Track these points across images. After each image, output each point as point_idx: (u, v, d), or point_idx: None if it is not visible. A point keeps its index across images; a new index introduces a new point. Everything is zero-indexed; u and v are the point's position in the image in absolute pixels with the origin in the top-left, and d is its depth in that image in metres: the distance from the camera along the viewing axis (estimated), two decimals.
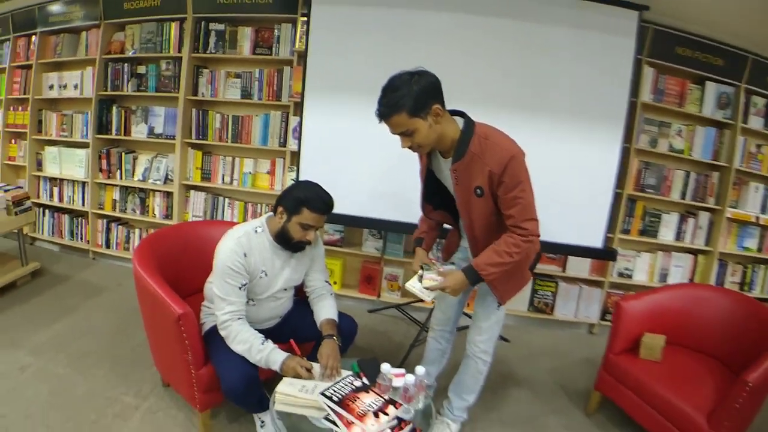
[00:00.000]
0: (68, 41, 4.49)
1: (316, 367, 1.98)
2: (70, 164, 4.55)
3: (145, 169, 4.26)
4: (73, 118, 4.52)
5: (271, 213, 2.16)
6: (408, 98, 1.70)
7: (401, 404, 1.79)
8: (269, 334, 2.12)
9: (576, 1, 2.94)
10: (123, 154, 4.33)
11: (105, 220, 4.47)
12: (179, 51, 3.90)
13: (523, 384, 3.02)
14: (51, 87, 4.63)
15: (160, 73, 4.06)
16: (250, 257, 2.07)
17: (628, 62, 3.01)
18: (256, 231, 2.13)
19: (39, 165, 4.78)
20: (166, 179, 4.17)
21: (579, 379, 3.10)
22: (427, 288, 1.99)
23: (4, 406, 2.43)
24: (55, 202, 4.70)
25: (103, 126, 4.33)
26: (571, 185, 3.10)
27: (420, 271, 2.05)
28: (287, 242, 2.12)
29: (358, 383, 1.89)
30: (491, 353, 2.28)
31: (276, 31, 3.68)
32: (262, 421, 2.22)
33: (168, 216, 4.22)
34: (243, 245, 2.06)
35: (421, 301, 2.09)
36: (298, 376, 1.92)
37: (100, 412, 2.43)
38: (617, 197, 3.38)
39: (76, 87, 4.48)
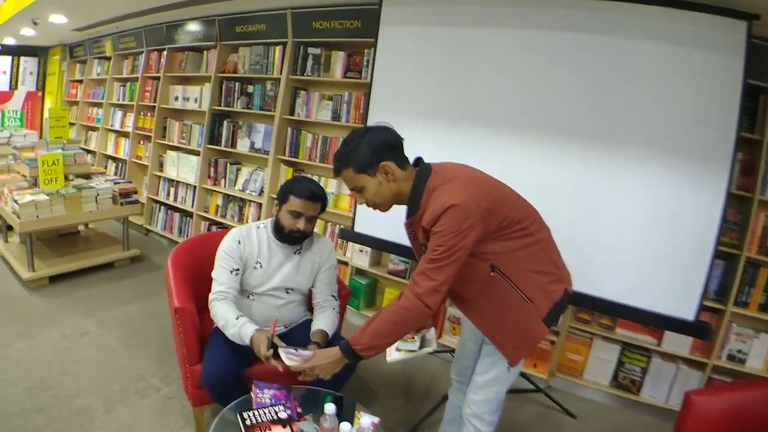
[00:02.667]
0: (192, 58, 4.97)
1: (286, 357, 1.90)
2: (185, 168, 5.04)
3: (246, 180, 4.56)
4: (192, 128, 4.99)
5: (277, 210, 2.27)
6: (355, 154, 1.67)
7: None
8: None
9: (663, 10, 2.38)
10: (228, 164, 4.69)
11: (207, 222, 4.87)
12: (281, 73, 4.13)
13: None
14: (176, 98, 5.16)
15: (265, 92, 4.32)
16: (245, 245, 2.23)
17: (736, 87, 2.30)
18: (258, 227, 2.30)
19: (160, 166, 5.36)
20: (261, 191, 4.42)
21: None
22: (397, 356, 1.87)
23: (53, 360, 2.95)
24: (170, 201, 5.23)
25: (214, 137, 4.72)
26: (655, 238, 2.53)
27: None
28: (281, 233, 2.21)
29: (283, 414, 1.79)
30: (489, 422, 1.88)
31: (366, 55, 3.76)
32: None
33: None
34: (240, 234, 2.25)
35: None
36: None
37: (125, 385, 2.78)
38: (733, 260, 2.80)
39: (195, 100, 4.94)
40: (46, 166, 4.04)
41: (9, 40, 7.42)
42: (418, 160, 1.78)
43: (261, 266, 2.25)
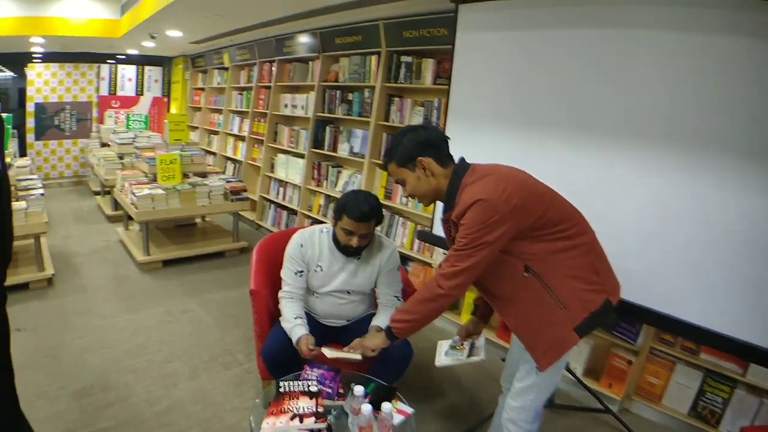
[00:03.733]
0: (299, 69, 5.36)
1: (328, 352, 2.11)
2: (293, 170, 5.47)
3: (345, 182, 4.86)
4: (299, 133, 5.39)
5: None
6: (398, 150, 1.81)
7: (325, 420, 1.78)
8: (334, 332, 2.45)
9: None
10: (330, 167, 5.02)
11: (310, 221, 5.24)
12: (377, 80, 4.36)
13: None
14: (285, 106, 5.59)
15: (363, 100, 4.58)
16: (307, 249, 2.37)
17: None
18: (322, 231, 2.43)
19: (271, 167, 5.85)
20: None
21: None
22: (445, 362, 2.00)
23: (154, 331, 3.45)
24: (279, 200, 5.70)
25: (317, 142, 5.08)
26: (745, 256, 2.09)
27: (451, 341, 2.08)
28: (338, 245, 2.33)
29: (314, 388, 1.92)
30: (526, 430, 1.87)
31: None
32: None
33: None
34: (303, 238, 2.39)
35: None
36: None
37: (213, 357, 3.17)
38: None
39: (302, 107, 5.33)
40: (164, 164, 4.62)
41: (132, 51, 8.27)
42: (461, 160, 1.84)
43: (322, 269, 2.39)
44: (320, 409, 1.82)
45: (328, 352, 2.09)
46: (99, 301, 3.87)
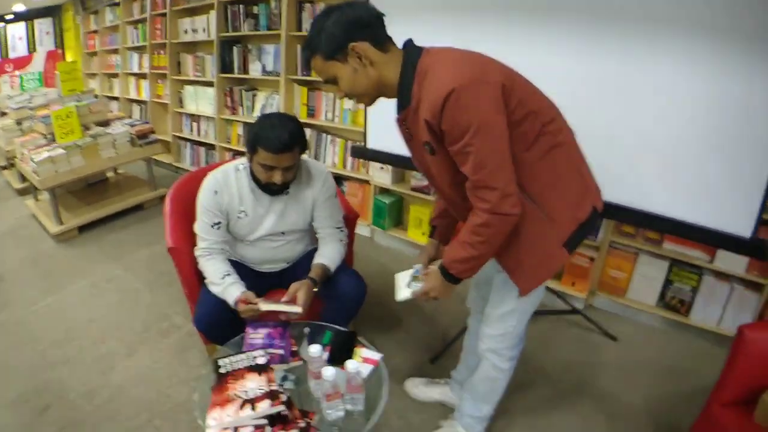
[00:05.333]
0: None
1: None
2: (203, 101, 5.02)
3: (263, 105, 4.45)
4: (204, 59, 4.88)
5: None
6: (320, 39, 1.37)
7: (281, 402, 1.48)
8: (274, 278, 2.14)
9: None
10: (243, 91, 4.57)
11: (231, 153, 4.84)
12: None
13: (600, 401, 2.27)
14: (185, 31, 5.01)
15: (270, 11, 4.11)
16: (223, 195, 1.97)
17: None
18: (237, 169, 2.01)
19: (180, 102, 5.32)
20: None
21: (683, 417, 2.13)
22: (408, 295, 1.67)
23: (79, 310, 3.04)
24: (194, 136, 5.23)
25: (226, 65, 4.58)
26: (704, 141, 2.00)
27: (413, 270, 1.73)
28: (259, 184, 1.96)
29: (261, 360, 1.63)
30: (508, 357, 1.73)
31: None
32: None
33: None
34: (217, 183, 1.97)
35: None
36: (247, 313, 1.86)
37: (148, 326, 2.86)
38: None
39: (204, 30, 4.79)
40: (60, 120, 4.03)
41: (18, 7, 7.48)
42: (408, 43, 1.44)
43: (246, 214, 2.02)
44: (273, 387, 1.52)
45: (264, 305, 1.82)
46: (18, 289, 3.35)
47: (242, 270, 2.06)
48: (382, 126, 1.55)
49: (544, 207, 1.44)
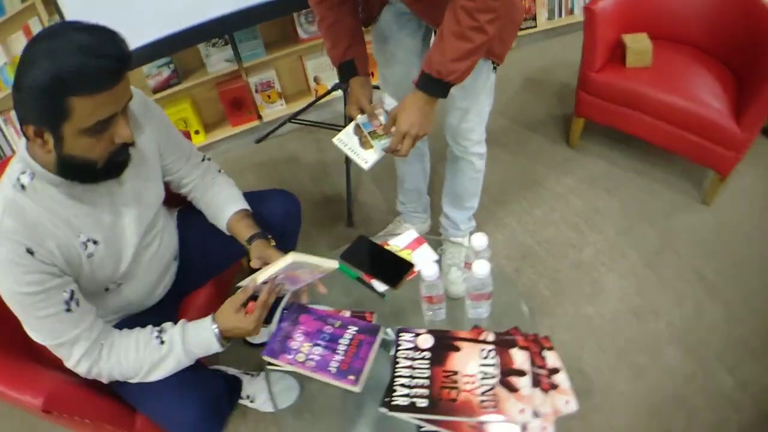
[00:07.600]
0: None
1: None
2: None
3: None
4: None
5: (25, 140, 1.04)
6: None
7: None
8: (173, 293, 1.46)
9: None
10: None
11: None
12: None
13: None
14: None
15: None
16: (42, 244, 1.02)
17: None
18: (23, 187, 1.03)
19: None
20: None
21: (555, 106, 2.54)
22: (377, 157, 1.36)
23: None
24: None
25: None
26: None
27: (359, 117, 1.40)
28: (88, 173, 1.06)
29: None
30: (485, 140, 1.67)
31: None
32: (248, 396, 1.68)
33: None
34: (18, 234, 1.00)
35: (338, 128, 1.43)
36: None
37: None
38: None
39: None
40: None
41: None
42: None
43: (95, 243, 1.14)
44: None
45: (263, 276, 1.13)
46: None
47: (130, 322, 1.24)
48: None
49: None
